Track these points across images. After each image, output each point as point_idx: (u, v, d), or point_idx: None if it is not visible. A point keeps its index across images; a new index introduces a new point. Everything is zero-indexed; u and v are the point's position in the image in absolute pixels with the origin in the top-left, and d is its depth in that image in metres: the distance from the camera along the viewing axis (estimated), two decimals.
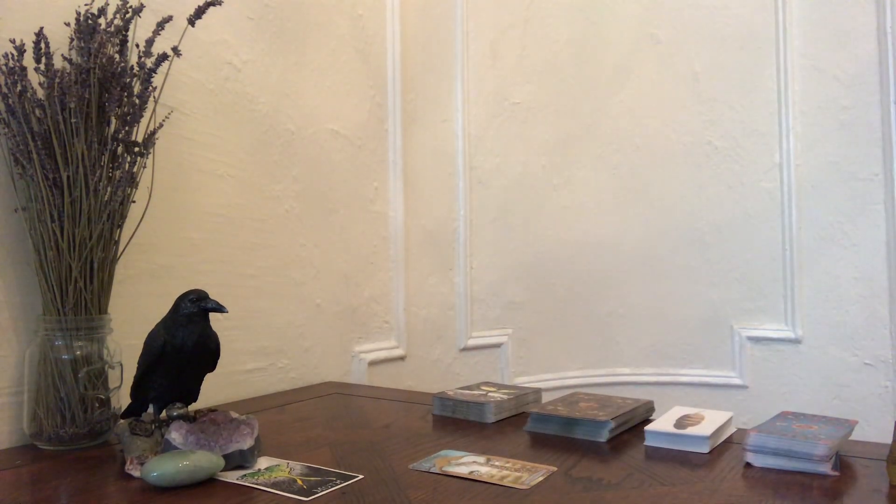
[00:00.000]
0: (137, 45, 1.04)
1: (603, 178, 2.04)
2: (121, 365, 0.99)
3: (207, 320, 0.89)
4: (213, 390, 1.17)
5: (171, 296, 0.89)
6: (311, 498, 0.74)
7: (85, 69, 0.96)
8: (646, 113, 2.02)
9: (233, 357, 1.29)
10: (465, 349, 1.89)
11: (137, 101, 1.02)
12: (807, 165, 1.87)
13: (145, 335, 0.89)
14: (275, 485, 0.79)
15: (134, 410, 0.93)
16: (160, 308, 0.90)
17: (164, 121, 1.10)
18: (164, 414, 0.91)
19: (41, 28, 0.96)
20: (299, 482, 0.80)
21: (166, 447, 0.83)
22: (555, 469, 0.84)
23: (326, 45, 1.55)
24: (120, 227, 1.02)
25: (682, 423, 0.96)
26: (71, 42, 1.00)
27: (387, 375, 1.66)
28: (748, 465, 0.85)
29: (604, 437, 0.97)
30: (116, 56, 1.01)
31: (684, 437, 0.92)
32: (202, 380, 0.92)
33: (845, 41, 1.82)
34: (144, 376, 0.88)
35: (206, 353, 0.89)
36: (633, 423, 1.05)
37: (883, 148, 1.77)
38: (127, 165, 1.01)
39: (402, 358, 1.72)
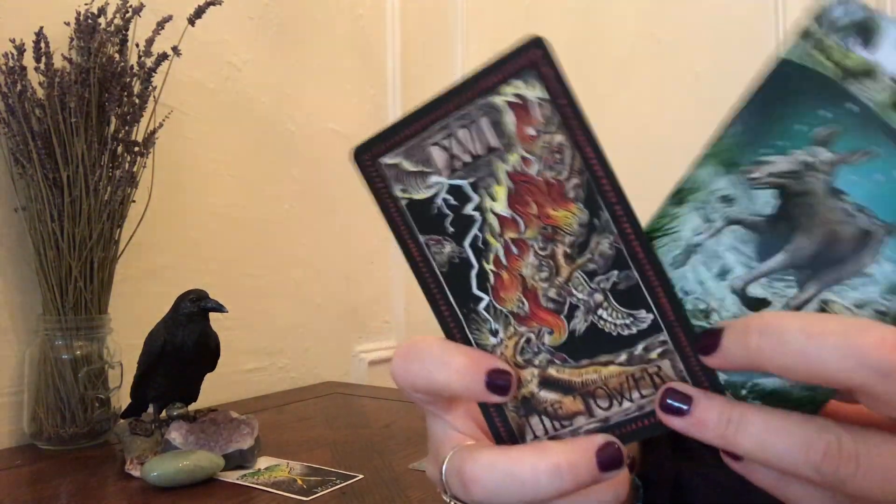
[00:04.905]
0: (137, 45, 1.04)
1: None
2: (121, 365, 0.99)
3: (207, 320, 0.89)
4: (213, 390, 1.17)
5: (171, 296, 0.89)
6: (311, 498, 0.74)
7: (85, 69, 0.96)
8: (646, 113, 2.02)
9: (233, 357, 1.29)
10: None
11: (137, 100, 1.02)
12: None
13: (145, 335, 0.88)
14: (275, 485, 0.79)
15: (134, 410, 0.93)
16: (160, 308, 0.90)
17: (164, 121, 1.10)
18: (164, 414, 0.91)
19: (41, 28, 0.96)
20: (299, 482, 0.79)
21: (166, 447, 0.83)
22: None
23: (326, 44, 1.55)
24: (120, 226, 1.02)
25: None
26: (71, 42, 1.00)
27: (387, 375, 1.65)
28: None
29: None
30: (116, 56, 1.01)
31: None
32: (202, 379, 0.92)
33: None
34: (144, 376, 0.88)
35: (206, 353, 0.89)
36: None
37: None
38: (127, 165, 1.01)
39: None
